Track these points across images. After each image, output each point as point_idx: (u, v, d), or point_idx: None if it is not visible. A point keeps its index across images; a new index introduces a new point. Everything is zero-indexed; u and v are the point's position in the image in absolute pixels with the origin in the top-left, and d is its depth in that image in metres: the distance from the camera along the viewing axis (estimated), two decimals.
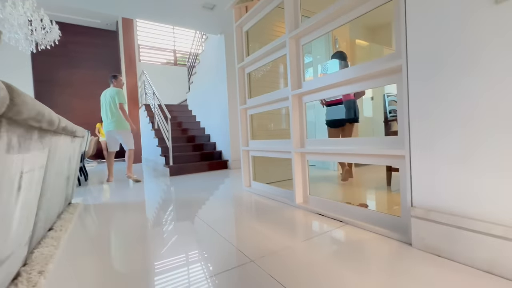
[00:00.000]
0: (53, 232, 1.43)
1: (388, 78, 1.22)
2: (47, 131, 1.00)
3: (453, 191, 0.94)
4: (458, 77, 0.90)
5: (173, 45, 7.71)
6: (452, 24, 0.91)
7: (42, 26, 3.76)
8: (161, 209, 1.92)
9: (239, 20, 2.35)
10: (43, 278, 0.95)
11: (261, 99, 2.17)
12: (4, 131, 0.58)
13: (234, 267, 0.99)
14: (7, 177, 0.64)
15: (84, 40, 7.07)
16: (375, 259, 1.00)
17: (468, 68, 0.88)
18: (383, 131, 3.66)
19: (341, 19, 1.45)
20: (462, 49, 0.89)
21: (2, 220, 0.66)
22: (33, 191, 0.94)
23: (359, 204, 1.56)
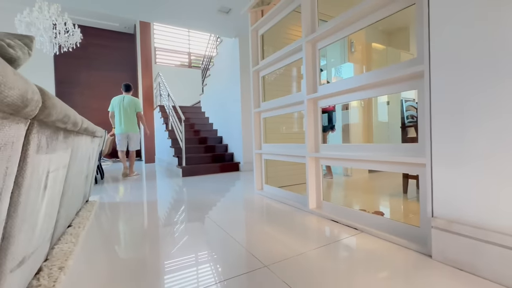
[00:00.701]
0: (72, 229, 1.47)
1: (409, 84, 1.19)
2: (71, 131, 1.04)
3: (478, 203, 0.90)
4: (487, 81, 0.87)
5: (188, 48, 7.85)
6: (479, 28, 0.88)
7: (65, 30, 3.93)
8: (173, 209, 1.95)
9: (255, 24, 2.36)
10: (63, 274, 0.98)
11: (275, 103, 2.17)
12: (35, 133, 0.61)
13: (248, 272, 0.99)
14: (35, 177, 0.66)
15: (103, 43, 7.32)
16: (393, 270, 0.97)
17: (497, 72, 0.84)
18: (399, 136, 3.57)
19: (359, 23, 1.43)
20: (490, 52, 0.86)
21: (30, 218, 0.69)
22: (57, 190, 0.97)
23: (374, 212, 1.53)
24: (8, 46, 0.57)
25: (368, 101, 3.36)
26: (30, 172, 0.62)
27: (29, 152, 0.59)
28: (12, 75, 0.40)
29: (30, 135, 0.59)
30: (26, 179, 0.59)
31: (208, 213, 1.81)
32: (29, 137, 0.59)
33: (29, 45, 0.70)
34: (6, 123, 0.46)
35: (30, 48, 0.71)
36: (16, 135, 0.51)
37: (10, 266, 0.61)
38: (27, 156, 0.59)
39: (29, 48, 0.70)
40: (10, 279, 0.64)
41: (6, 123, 0.46)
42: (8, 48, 0.56)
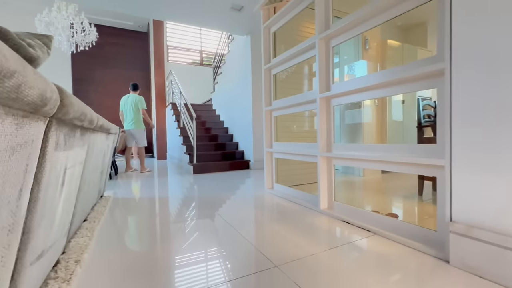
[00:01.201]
0: (88, 223, 1.52)
1: (427, 83, 1.15)
2: (87, 129, 1.06)
3: (501, 208, 0.86)
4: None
5: (199, 46, 7.90)
6: (508, 21, 0.83)
7: (82, 29, 4.04)
8: (184, 206, 1.97)
9: (268, 21, 2.34)
10: (79, 267, 1.01)
11: (287, 101, 2.14)
12: (53, 130, 0.62)
13: (258, 271, 0.98)
14: (54, 173, 0.68)
15: (117, 42, 7.48)
16: (408, 274, 0.94)
17: None
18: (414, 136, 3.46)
19: (375, 19, 1.39)
20: None
21: (49, 213, 0.71)
22: (73, 186, 1.00)
23: (388, 214, 1.49)
24: (28, 46, 0.58)
25: (382, 100, 3.28)
26: (49, 169, 0.63)
27: (48, 149, 0.61)
28: (32, 75, 0.41)
29: (49, 133, 0.60)
30: (45, 175, 0.61)
31: (218, 211, 1.82)
32: (47, 135, 0.60)
33: (48, 45, 0.72)
34: (26, 122, 0.47)
35: (49, 47, 0.73)
36: (35, 133, 0.52)
37: (30, 259, 0.63)
38: (46, 153, 0.60)
39: (48, 48, 0.72)
40: (30, 272, 0.66)
41: (26, 121, 0.47)
42: (28, 48, 0.57)
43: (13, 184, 0.46)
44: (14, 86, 0.36)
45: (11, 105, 0.39)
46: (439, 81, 1.08)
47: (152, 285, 0.91)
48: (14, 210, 0.48)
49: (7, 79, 0.33)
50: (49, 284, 0.87)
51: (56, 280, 0.90)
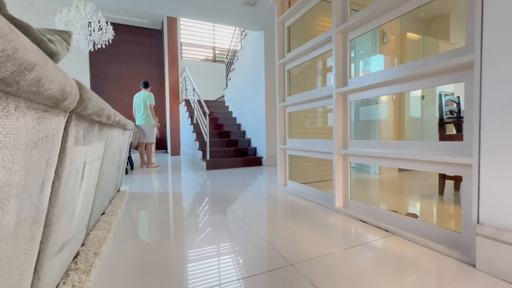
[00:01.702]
0: (105, 217, 1.56)
1: (453, 76, 1.08)
2: (105, 124, 1.08)
3: None
4: None
5: (212, 42, 7.93)
6: None
7: (99, 27, 4.13)
8: (197, 201, 1.99)
9: (282, 16, 2.30)
10: (98, 259, 1.04)
11: (301, 97, 2.10)
12: (73, 125, 0.63)
13: (273, 269, 0.97)
14: (74, 168, 0.69)
15: (133, 39, 7.63)
16: (429, 277, 0.90)
17: None
18: (433, 133, 3.32)
19: (395, 11, 1.32)
20: None
21: (69, 206, 0.72)
22: (92, 180, 1.02)
23: (407, 214, 1.43)
24: (49, 41, 0.58)
25: (400, 96, 3.15)
26: (69, 163, 0.64)
27: (68, 144, 0.61)
28: (52, 68, 0.41)
29: (69, 127, 0.61)
30: (65, 169, 0.62)
31: (231, 207, 1.82)
32: (67, 130, 0.61)
33: (67, 40, 0.73)
34: (47, 116, 0.47)
35: (69, 43, 0.73)
36: (56, 128, 0.53)
37: (51, 251, 0.64)
38: (66, 148, 0.61)
39: (67, 43, 0.73)
40: (52, 263, 0.68)
41: (47, 116, 0.48)
42: (49, 43, 0.58)
43: (35, 177, 0.46)
44: (35, 79, 0.36)
45: (32, 99, 0.39)
46: (467, 74, 1.01)
47: (167, 279, 0.91)
48: (36, 203, 0.49)
49: (28, 71, 0.33)
50: (69, 275, 0.90)
51: (76, 271, 0.93)
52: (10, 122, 0.35)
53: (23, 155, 0.40)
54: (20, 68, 0.31)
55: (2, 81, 0.30)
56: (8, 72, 0.30)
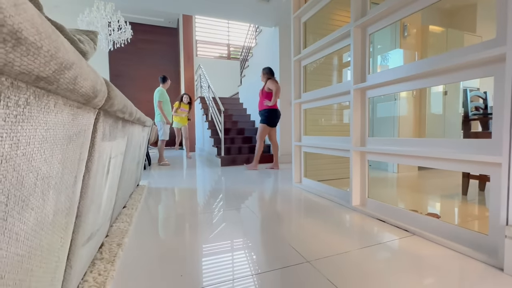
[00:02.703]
0: (127, 210, 1.62)
1: (482, 70, 1.03)
2: (127, 121, 1.12)
3: None
4: None
5: (227, 39, 7.95)
6: None
7: (118, 27, 4.26)
8: (212, 197, 2.02)
9: (298, 11, 2.27)
10: (120, 250, 1.09)
11: (317, 93, 2.08)
12: (101, 121, 0.66)
13: (290, 266, 0.97)
14: (101, 162, 0.73)
15: (149, 38, 7.80)
16: (454, 280, 0.87)
17: None
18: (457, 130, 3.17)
19: (418, 3, 1.27)
20: None
21: (97, 199, 0.76)
22: (116, 174, 1.06)
23: (428, 214, 1.38)
24: (79, 41, 0.61)
25: (420, 91, 3.04)
26: (97, 158, 0.67)
27: (97, 139, 0.64)
28: (86, 67, 0.43)
29: (97, 123, 0.64)
30: (94, 164, 0.65)
31: (245, 203, 1.84)
32: (96, 126, 0.64)
33: (94, 40, 0.76)
34: (79, 112, 0.50)
35: (95, 42, 0.77)
36: (87, 124, 0.55)
37: (81, 240, 0.68)
38: (95, 143, 0.64)
39: (94, 43, 0.76)
40: (81, 252, 0.72)
41: (80, 112, 0.50)
42: (79, 43, 0.61)
43: (70, 171, 0.49)
44: (72, 77, 0.38)
45: (68, 96, 0.42)
46: (498, 68, 0.96)
47: (185, 271, 0.94)
48: (70, 195, 0.52)
49: (67, 70, 0.35)
50: (96, 264, 0.95)
51: (101, 260, 0.98)
52: (50, 118, 0.37)
53: (60, 149, 0.43)
54: (60, 67, 0.33)
55: (45, 79, 0.32)
56: (51, 71, 0.32)
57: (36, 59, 0.28)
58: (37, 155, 0.35)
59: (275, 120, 3.40)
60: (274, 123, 3.40)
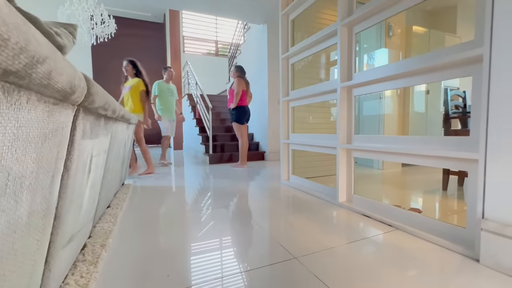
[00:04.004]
0: (111, 210, 1.58)
1: (461, 70, 1.07)
2: (110, 118, 1.08)
3: None
4: None
5: (215, 36, 7.86)
6: None
7: (101, 21, 4.10)
8: (200, 195, 2.00)
9: (286, 8, 2.27)
10: (104, 251, 1.06)
11: (304, 91, 2.09)
12: (81, 119, 0.63)
13: (277, 262, 0.98)
14: (81, 161, 0.70)
15: (134, 32, 7.58)
16: (433, 271, 0.90)
17: None
18: (438, 128, 3.29)
19: (403, 3, 1.30)
20: None
21: (77, 199, 0.73)
22: (99, 173, 1.03)
23: (410, 209, 1.43)
24: (56, 34, 0.58)
25: (404, 90, 3.12)
26: (77, 157, 0.65)
27: (76, 137, 0.62)
28: (62, 61, 0.41)
29: (77, 121, 0.61)
30: (73, 163, 0.62)
31: (234, 201, 1.83)
32: (75, 123, 0.61)
33: (73, 34, 0.72)
34: (56, 109, 0.48)
35: (74, 36, 0.73)
36: (65, 121, 0.53)
37: (61, 242, 0.65)
38: (74, 141, 0.61)
39: (73, 36, 0.73)
40: (61, 254, 0.69)
41: (57, 109, 0.48)
42: (56, 36, 0.58)
43: (46, 170, 0.47)
44: (46, 72, 0.36)
45: (43, 92, 0.40)
46: (475, 68, 1.00)
47: (172, 271, 0.93)
48: (47, 195, 0.50)
49: (40, 64, 0.33)
50: (78, 266, 0.92)
51: (84, 262, 0.95)
52: (22, 115, 0.35)
53: (35, 148, 0.41)
54: (32, 61, 0.31)
55: (15, 73, 0.30)
56: (21, 65, 0.30)
57: (3, 52, 0.26)
58: (7, 154, 0.33)
59: (244, 117, 3.41)
60: (243, 120, 3.42)
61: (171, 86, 3.74)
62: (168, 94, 3.67)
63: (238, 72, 3.44)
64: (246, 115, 3.47)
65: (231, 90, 3.44)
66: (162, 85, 3.66)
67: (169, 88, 3.69)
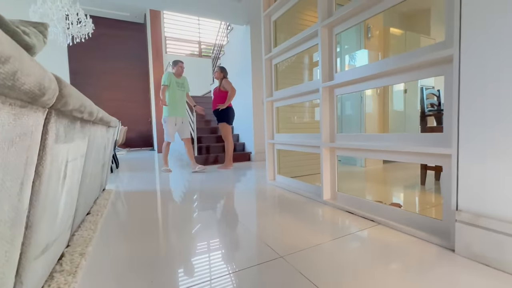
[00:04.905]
0: (91, 217, 1.51)
1: (434, 70, 1.12)
2: (88, 121, 1.04)
3: (508, 196, 0.85)
4: None
5: (198, 37, 7.77)
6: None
7: (77, 20, 3.94)
8: (186, 198, 1.97)
9: (268, 9, 2.28)
10: (84, 260, 1.01)
11: (288, 92, 2.11)
12: (53, 122, 0.60)
13: (263, 262, 0.98)
14: (55, 166, 0.66)
15: (114, 33, 7.35)
16: (412, 263, 0.94)
17: None
18: (416, 126, 3.43)
19: (380, 5, 1.34)
20: None
21: (52, 206, 0.70)
22: (75, 179, 0.98)
23: (391, 204, 1.48)
24: (23, 33, 0.55)
25: (384, 90, 3.23)
26: (50, 162, 0.62)
27: (48, 141, 0.59)
28: (28, 61, 0.39)
29: (48, 124, 0.58)
30: (46, 168, 0.59)
31: (220, 203, 1.82)
32: (47, 127, 0.58)
33: (43, 33, 0.69)
34: (24, 112, 0.45)
35: (45, 35, 0.70)
36: (34, 125, 0.50)
37: (34, 253, 0.62)
38: (46, 146, 0.58)
39: (44, 36, 0.69)
40: (35, 266, 0.65)
41: (25, 111, 0.45)
42: (23, 35, 0.55)
43: (13, 177, 0.44)
44: (10, 72, 0.34)
45: (7, 94, 0.37)
46: (447, 68, 1.05)
47: (156, 277, 0.90)
48: (16, 203, 0.47)
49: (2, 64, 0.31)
50: (54, 277, 0.87)
51: (61, 273, 0.90)
52: None
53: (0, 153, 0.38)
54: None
55: None
56: None
57: None
58: None
59: (233, 118, 3.48)
60: (232, 121, 3.48)
61: (180, 80, 3.29)
62: (177, 87, 3.22)
63: (223, 73, 3.42)
64: (234, 115, 3.49)
65: (219, 92, 3.40)
66: (172, 76, 3.21)
67: (178, 81, 3.25)
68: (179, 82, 3.26)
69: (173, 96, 3.20)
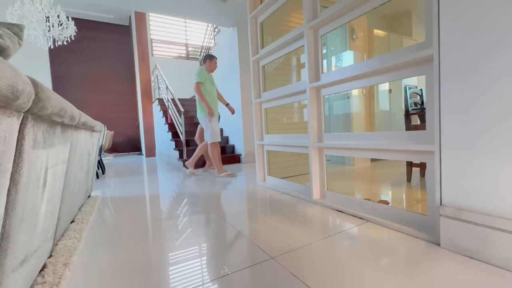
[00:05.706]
0: (75, 225, 1.46)
1: (416, 69, 1.15)
2: (69, 126, 1.01)
3: (489, 190, 0.88)
4: (505, 64, 0.83)
5: (185, 39, 7.70)
6: (489, 11, 0.83)
7: (59, 22, 3.82)
8: (176, 202, 1.94)
9: (254, 11, 2.29)
10: (68, 270, 0.97)
11: (276, 93, 2.12)
12: (30, 127, 0.58)
13: (255, 264, 0.97)
14: (33, 173, 0.64)
15: (98, 36, 7.18)
16: (400, 258, 0.96)
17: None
18: (401, 124, 3.53)
19: (363, 7, 1.37)
20: (499, 33, 0.81)
21: (31, 216, 0.67)
22: (57, 186, 0.95)
23: (379, 201, 1.51)
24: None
25: (370, 90, 3.31)
26: (27, 169, 0.59)
27: (25, 147, 0.56)
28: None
29: (25, 129, 0.56)
30: (23, 175, 0.56)
31: (211, 206, 1.80)
32: (23, 132, 0.56)
33: (19, 34, 0.66)
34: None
35: (20, 37, 0.67)
36: (8, 130, 0.48)
37: (11, 265, 0.59)
38: (23, 152, 0.56)
39: (19, 38, 0.66)
40: (13, 278, 0.62)
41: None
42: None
43: None
44: None
45: None
46: (428, 67, 1.08)
47: (145, 285, 0.88)
48: None
49: None
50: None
51: (43, 285, 0.86)
52: None
53: None
54: None
55: None
56: None
57: None
58: None
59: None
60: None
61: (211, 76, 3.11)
62: (210, 83, 3.00)
63: None
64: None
65: None
66: (206, 72, 2.97)
67: (210, 77, 3.04)
68: (212, 78, 3.06)
69: (211, 92, 2.98)
